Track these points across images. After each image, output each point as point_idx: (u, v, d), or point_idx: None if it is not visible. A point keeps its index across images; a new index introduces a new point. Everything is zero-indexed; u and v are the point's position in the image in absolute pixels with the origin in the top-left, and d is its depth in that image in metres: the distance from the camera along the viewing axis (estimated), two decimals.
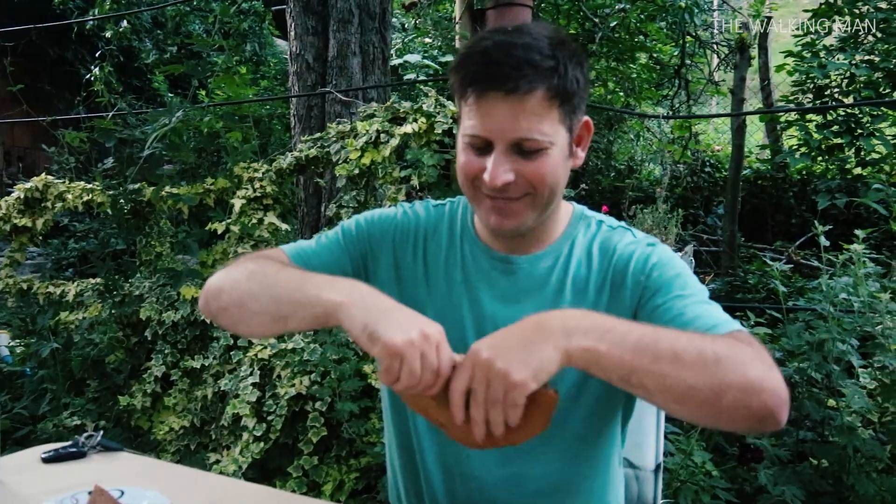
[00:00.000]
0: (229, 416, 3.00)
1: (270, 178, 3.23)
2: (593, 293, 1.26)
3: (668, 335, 1.00)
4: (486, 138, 1.14)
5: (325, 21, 4.13)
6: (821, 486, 2.29)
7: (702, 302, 1.16)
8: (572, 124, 1.19)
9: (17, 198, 3.61)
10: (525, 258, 1.30)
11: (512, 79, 1.10)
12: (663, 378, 0.97)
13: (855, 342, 2.21)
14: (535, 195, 1.17)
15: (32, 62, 7.04)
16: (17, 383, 3.58)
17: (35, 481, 1.30)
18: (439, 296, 1.33)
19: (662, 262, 1.23)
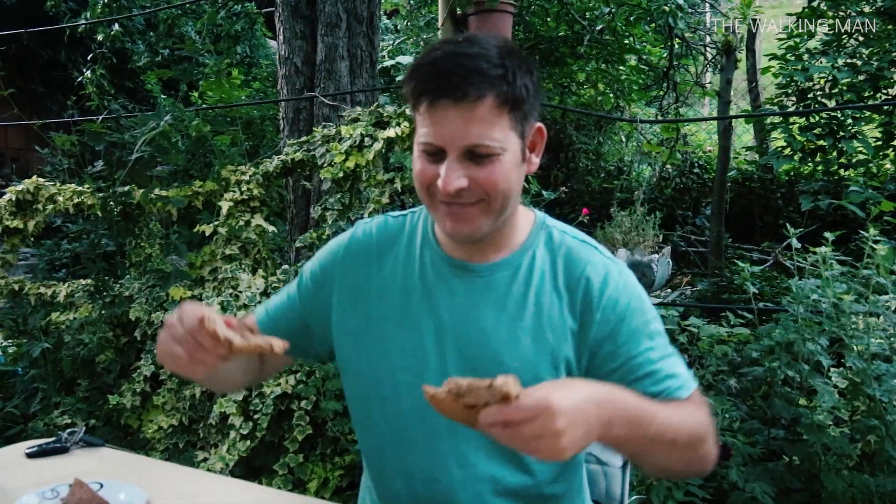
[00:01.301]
0: (216, 415, 3.05)
1: (257, 180, 3.28)
2: (558, 316, 1.30)
3: (672, 422, 1.14)
4: (438, 146, 1.18)
5: (314, 25, 4.19)
6: (792, 482, 2.34)
7: (666, 356, 1.29)
8: (524, 130, 1.23)
9: (8, 200, 3.66)
10: (484, 266, 1.33)
11: (461, 87, 1.14)
12: (659, 459, 1.17)
13: (825, 342, 2.26)
14: (489, 201, 1.21)
15: (25, 64, 7.09)
16: (9, 383, 3.63)
17: (19, 475, 1.36)
18: (396, 307, 1.36)
19: (633, 306, 1.30)
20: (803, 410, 2.31)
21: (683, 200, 6.91)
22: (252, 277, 3.25)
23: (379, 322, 1.37)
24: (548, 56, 6.58)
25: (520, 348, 1.29)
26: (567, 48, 6.21)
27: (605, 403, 1.06)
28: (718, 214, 5.41)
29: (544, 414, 0.98)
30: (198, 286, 3.30)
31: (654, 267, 2.63)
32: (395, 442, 1.36)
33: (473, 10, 3.01)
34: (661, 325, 1.32)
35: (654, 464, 1.20)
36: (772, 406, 2.28)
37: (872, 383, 2.12)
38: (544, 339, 1.29)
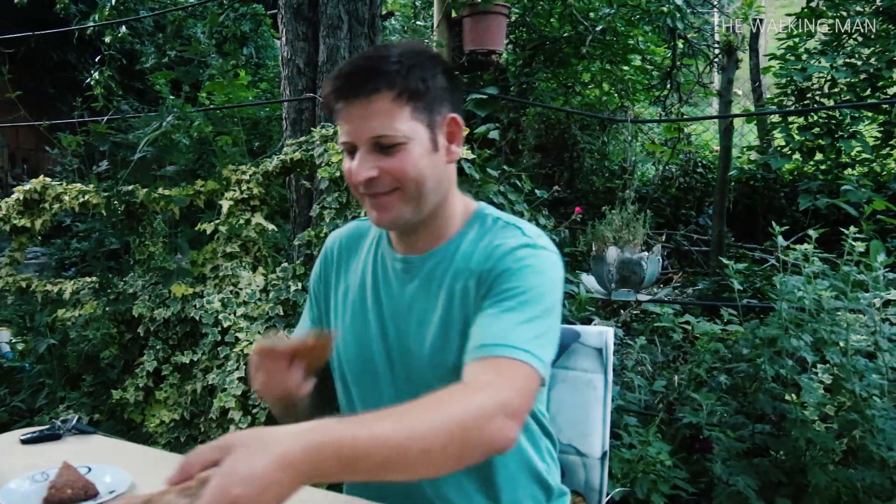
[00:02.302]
0: (217, 410, 3.11)
1: (257, 180, 3.34)
2: (471, 295, 1.34)
3: (420, 433, 1.01)
4: (351, 142, 1.30)
5: (316, 27, 4.24)
6: (776, 476, 2.38)
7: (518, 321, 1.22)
8: (431, 121, 1.31)
9: (16, 199, 3.73)
10: (419, 257, 1.42)
11: (357, 85, 1.26)
12: (413, 474, 1.03)
13: (808, 339, 2.30)
14: (403, 189, 1.30)
15: (35, 66, 7.19)
16: (17, 378, 3.71)
17: (13, 460, 1.43)
18: (356, 300, 1.48)
19: (515, 269, 1.30)
20: (789, 406, 2.34)
21: (687, 200, 6.93)
22: (252, 275, 3.31)
23: (343, 317, 1.49)
24: (552, 56, 6.63)
25: (430, 334, 1.37)
26: (571, 48, 6.26)
27: (301, 462, 0.92)
28: (720, 214, 5.43)
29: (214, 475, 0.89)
30: (199, 283, 3.37)
31: (644, 264, 2.67)
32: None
33: (468, 11, 3.06)
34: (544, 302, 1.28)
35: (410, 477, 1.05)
36: (756, 401, 2.31)
37: (853, 379, 2.15)
38: (452, 320, 1.35)
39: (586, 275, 2.89)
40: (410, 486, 1.40)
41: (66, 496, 1.21)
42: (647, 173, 7.49)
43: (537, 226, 2.93)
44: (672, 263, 6.21)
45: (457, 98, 1.38)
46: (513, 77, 6.49)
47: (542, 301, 1.28)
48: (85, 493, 1.22)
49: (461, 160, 3.11)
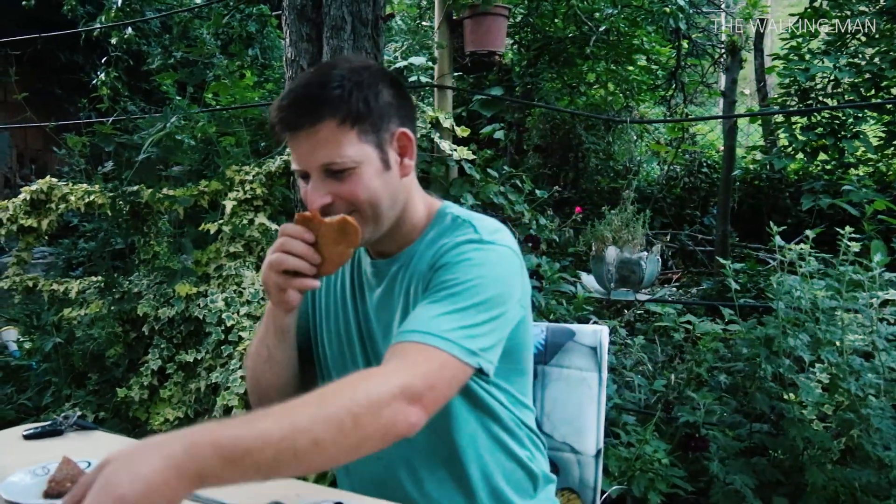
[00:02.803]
0: (220, 408, 3.14)
1: (260, 180, 3.37)
2: (422, 292, 1.35)
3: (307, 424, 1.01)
4: (302, 170, 1.31)
5: (319, 28, 4.26)
6: (774, 475, 2.39)
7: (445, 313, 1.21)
8: (379, 140, 1.32)
9: (23, 199, 3.77)
10: (384, 262, 1.45)
11: (300, 117, 1.27)
12: (309, 465, 1.03)
13: (806, 338, 2.31)
14: (359, 211, 1.31)
15: (43, 67, 7.24)
16: (24, 376, 3.75)
17: (15, 455, 1.46)
18: (338, 301, 1.52)
19: (453, 263, 1.30)
20: (786, 405, 2.35)
21: (692, 200, 6.93)
22: (255, 274, 3.34)
23: (327, 317, 1.53)
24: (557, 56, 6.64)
25: (390, 334, 1.41)
26: (575, 49, 6.26)
27: (184, 461, 0.92)
28: (724, 214, 5.44)
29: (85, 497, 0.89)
30: (203, 283, 3.40)
31: (643, 264, 2.69)
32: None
33: (468, 13, 3.08)
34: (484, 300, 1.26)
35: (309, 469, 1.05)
36: (752, 400, 2.33)
37: (849, 378, 2.16)
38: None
39: (586, 274, 2.91)
40: (390, 481, 1.43)
41: (65, 489, 1.23)
42: (652, 173, 7.49)
43: (537, 226, 2.96)
44: (676, 263, 6.22)
45: (405, 111, 1.38)
46: (517, 77, 6.51)
47: (478, 293, 1.25)
48: None
49: (462, 160, 3.13)
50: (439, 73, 3.41)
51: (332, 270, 1.30)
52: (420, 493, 1.42)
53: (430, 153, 3.10)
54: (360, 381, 1.10)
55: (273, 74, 7.16)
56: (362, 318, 1.47)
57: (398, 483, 1.43)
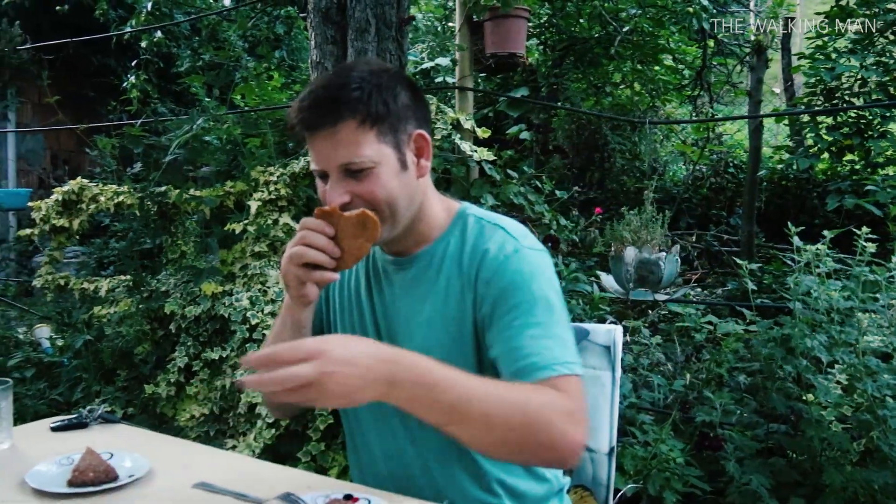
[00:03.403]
0: (245, 405, 3.20)
1: (284, 181, 3.43)
2: (460, 295, 1.40)
3: (484, 396, 1.15)
4: (321, 170, 1.35)
5: (344, 30, 4.32)
6: (791, 476, 2.39)
7: (541, 336, 1.29)
8: (397, 141, 1.36)
9: (55, 200, 3.87)
10: (405, 259, 1.48)
11: (321, 117, 1.30)
12: (471, 435, 1.17)
13: (823, 338, 2.31)
14: (377, 211, 1.33)
15: (77, 71, 7.39)
16: (56, 372, 3.84)
17: (43, 445, 1.52)
18: (352, 296, 1.56)
19: (516, 282, 1.34)
20: (803, 406, 2.35)
21: (718, 200, 6.89)
22: (279, 273, 3.39)
23: (341, 312, 1.57)
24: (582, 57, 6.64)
25: (435, 332, 1.42)
26: (601, 49, 6.26)
27: (387, 362, 1.11)
28: (749, 214, 5.41)
29: (316, 356, 1.06)
30: (229, 282, 3.46)
31: (662, 265, 2.70)
32: (357, 421, 1.54)
33: (488, 15, 3.11)
34: (555, 307, 1.35)
35: (470, 441, 1.19)
36: (769, 400, 2.33)
37: (866, 379, 2.16)
38: (447, 319, 1.41)
39: (606, 274, 2.92)
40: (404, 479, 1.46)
41: (87, 479, 1.28)
42: (678, 173, 7.46)
43: (557, 227, 2.99)
44: (702, 264, 6.19)
45: (421, 112, 1.42)
46: (542, 78, 6.52)
47: (552, 305, 1.34)
48: (106, 476, 1.30)
49: (482, 161, 3.16)
50: (460, 75, 3.44)
51: (351, 264, 1.33)
52: (434, 491, 1.45)
53: (451, 154, 3.13)
54: (534, 392, 1.20)
55: (300, 76, 7.24)
56: (379, 315, 1.50)
57: (412, 481, 1.46)
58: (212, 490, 1.28)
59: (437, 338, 1.40)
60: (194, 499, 1.26)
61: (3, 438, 1.51)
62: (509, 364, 1.28)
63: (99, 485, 1.29)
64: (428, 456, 1.45)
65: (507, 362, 1.29)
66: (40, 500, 1.26)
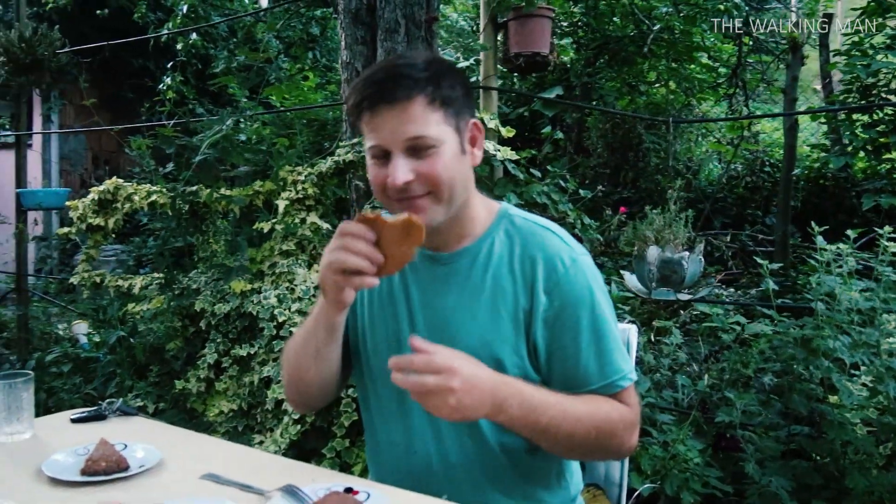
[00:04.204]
0: (272, 401, 3.25)
1: (312, 180, 3.47)
2: (512, 296, 1.42)
3: (570, 414, 1.31)
4: (383, 147, 1.34)
5: (374, 31, 4.36)
6: (813, 479, 2.36)
7: (604, 351, 1.40)
8: (458, 125, 1.39)
9: (91, 199, 3.96)
10: (447, 255, 1.48)
11: (393, 91, 1.32)
12: (557, 446, 1.36)
13: (846, 339, 2.28)
14: (437, 192, 1.35)
15: (116, 72, 7.56)
16: (91, 367, 3.95)
17: (62, 436, 1.58)
18: (382, 291, 1.54)
19: (577, 295, 1.40)
20: (826, 408, 2.32)
21: (754, 199, 6.80)
22: (308, 272, 3.44)
23: (370, 306, 1.55)
24: (616, 55, 6.61)
25: (476, 326, 1.43)
26: (634, 47, 6.23)
27: (502, 387, 1.26)
28: (784, 213, 5.34)
29: (446, 371, 1.19)
30: (257, 280, 3.51)
31: (685, 264, 2.69)
32: (381, 416, 1.53)
33: (512, 15, 3.12)
34: (609, 318, 1.42)
35: (553, 449, 1.38)
36: (790, 402, 2.30)
37: (888, 381, 2.13)
38: (499, 318, 1.42)
39: (629, 273, 2.91)
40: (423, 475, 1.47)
41: (100, 468, 1.33)
42: (713, 172, 7.38)
43: (581, 226, 2.98)
44: (736, 264, 6.11)
45: (472, 104, 1.47)
46: (575, 77, 6.50)
47: (608, 315, 1.43)
48: (117, 466, 1.35)
49: (505, 160, 3.17)
50: (485, 75, 3.46)
51: (394, 271, 1.33)
52: (452, 490, 1.45)
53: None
54: (614, 405, 1.38)
55: (335, 76, 7.31)
56: (416, 308, 1.49)
57: (432, 478, 1.47)
58: (218, 481, 1.32)
59: (486, 333, 1.42)
60: (200, 489, 1.29)
61: (25, 429, 1.56)
62: (578, 380, 1.40)
63: (110, 474, 1.34)
64: (450, 454, 1.47)
65: (575, 377, 1.40)
66: (54, 488, 1.31)
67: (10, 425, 1.54)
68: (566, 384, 1.39)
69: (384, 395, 1.51)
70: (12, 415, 1.53)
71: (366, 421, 1.60)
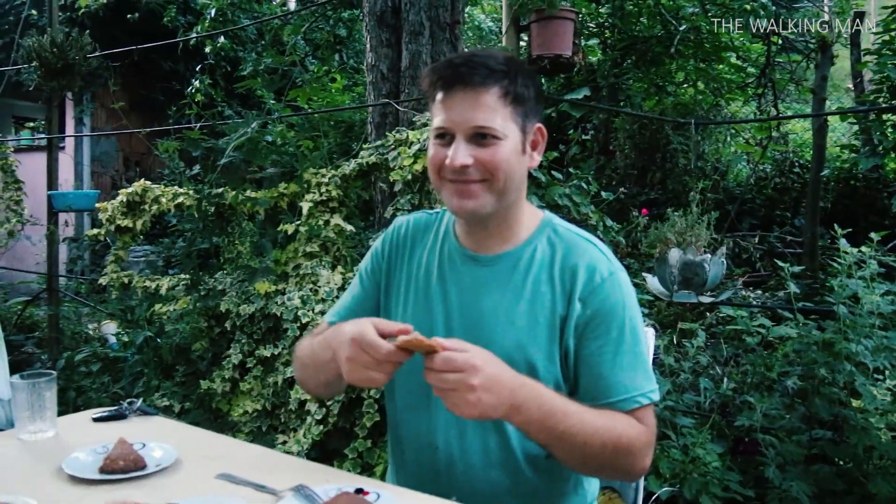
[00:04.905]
0: (295, 401, 3.28)
1: (336, 183, 3.50)
2: (550, 302, 1.44)
3: (586, 426, 1.31)
4: (449, 130, 1.39)
5: (399, 33, 4.39)
6: (836, 485, 2.33)
7: (629, 366, 1.40)
8: (525, 125, 1.42)
9: (120, 201, 4.03)
10: (489, 256, 1.50)
11: (470, 76, 1.36)
12: (570, 456, 1.35)
13: (870, 343, 2.25)
14: (492, 180, 1.38)
15: (148, 75, 7.68)
16: (119, 367, 4.01)
17: (84, 435, 1.61)
18: (419, 289, 1.55)
19: (609, 308, 1.42)
20: (848, 412, 2.30)
21: (783, 200, 6.72)
22: (331, 273, 3.47)
23: (406, 302, 1.57)
24: (643, 56, 6.57)
25: (514, 330, 1.44)
26: (662, 48, 6.19)
27: (522, 388, 1.27)
28: (813, 215, 5.28)
29: (468, 369, 1.20)
30: (282, 281, 3.55)
31: (707, 266, 2.67)
32: (407, 410, 1.55)
33: (534, 17, 3.12)
34: (638, 337, 1.43)
35: (567, 459, 1.37)
36: (812, 406, 2.28)
37: None
38: (536, 323, 1.44)
39: (651, 276, 2.90)
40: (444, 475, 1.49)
41: (118, 467, 1.36)
42: (742, 173, 7.31)
43: (604, 228, 2.98)
44: (764, 266, 6.05)
45: (541, 109, 1.50)
46: (601, 78, 6.47)
47: (638, 330, 1.44)
48: (135, 465, 1.38)
49: None
50: None
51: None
52: (470, 491, 1.47)
53: None
54: (631, 423, 1.37)
55: (362, 78, 7.35)
56: (452, 306, 1.50)
57: (451, 474, 1.49)
58: (233, 481, 1.34)
59: (523, 337, 1.43)
60: (215, 488, 1.32)
61: (48, 427, 1.60)
62: (599, 391, 1.40)
63: (128, 472, 1.37)
64: (472, 454, 1.48)
65: (596, 388, 1.40)
66: (74, 485, 1.34)
67: (34, 424, 1.58)
68: (588, 393, 1.40)
69: (414, 390, 1.52)
70: (36, 414, 1.57)
71: (390, 414, 1.63)
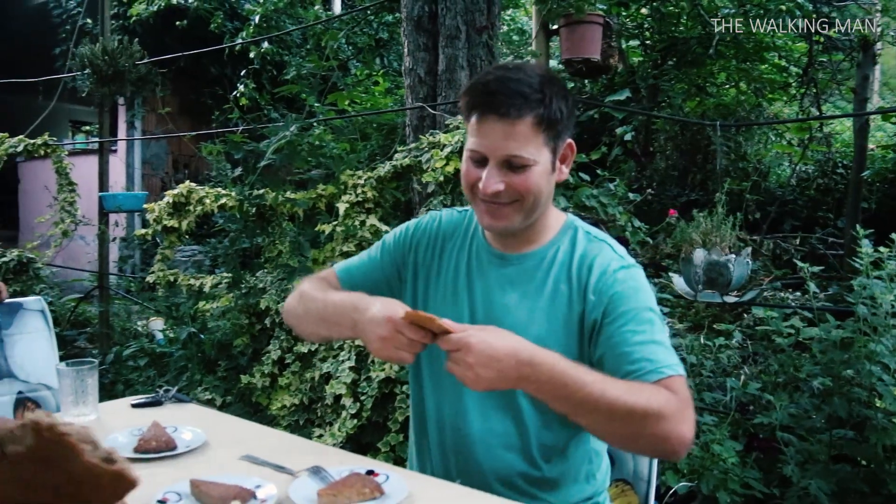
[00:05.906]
0: (331, 396, 3.39)
1: (371, 184, 3.60)
2: (567, 300, 1.51)
3: (608, 392, 1.28)
4: (483, 154, 1.44)
5: (435, 37, 4.47)
6: (857, 485, 2.34)
7: (648, 342, 1.41)
8: (556, 146, 1.48)
9: (166, 202, 4.19)
10: (516, 255, 1.58)
11: (505, 106, 1.40)
12: (596, 424, 1.34)
13: (889, 343, 2.26)
14: (522, 202, 1.46)
15: (196, 80, 7.90)
16: (165, 361, 4.18)
17: (122, 419, 1.74)
18: (448, 283, 1.64)
19: (624, 293, 1.46)
20: (869, 412, 2.31)
21: (825, 201, 6.65)
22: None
23: (434, 295, 1.65)
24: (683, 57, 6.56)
25: (535, 326, 1.51)
26: (701, 48, 6.18)
27: (526, 361, 1.28)
28: (853, 216, 5.22)
29: (464, 349, 1.27)
30: None
31: (731, 267, 2.70)
32: (433, 393, 1.63)
33: (563, 22, 3.18)
34: (656, 317, 1.47)
35: (593, 428, 1.38)
36: (831, 405, 2.30)
37: None
38: (556, 320, 1.51)
39: (676, 276, 2.94)
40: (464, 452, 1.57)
41: (150, 447, 1.48)
42: (783, 174, 7.24)
43: (632, 229, 3.02)
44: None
45: (573, 124, 1.55)
46: (640, 80, 6.48)
47: (653, 315, 1.46)
48: (166, 446, 1.50)
49: None
50: None
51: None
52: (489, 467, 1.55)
53: None
54: (653, 392, 1.32)
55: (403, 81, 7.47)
56: (478, 302, 1.58)
57: (469, 454, 1.56)
58: (255, 461, 1.44)
59: (541, 332, 1.49)
60: (238, 468, 1.42)
61: (90, 411, 1.72)
62: (621, 365, 1.40)
63: (160, 452, 1.49)
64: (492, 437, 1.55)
65: (618, 364, 1.40)
66: None
67: (77, 408, 1.71)
68: (612, 372, 1.41)
69: (441, 373, 1.58)
70: (79, 398, 1.70)
71: (414, 394, 1.70)
